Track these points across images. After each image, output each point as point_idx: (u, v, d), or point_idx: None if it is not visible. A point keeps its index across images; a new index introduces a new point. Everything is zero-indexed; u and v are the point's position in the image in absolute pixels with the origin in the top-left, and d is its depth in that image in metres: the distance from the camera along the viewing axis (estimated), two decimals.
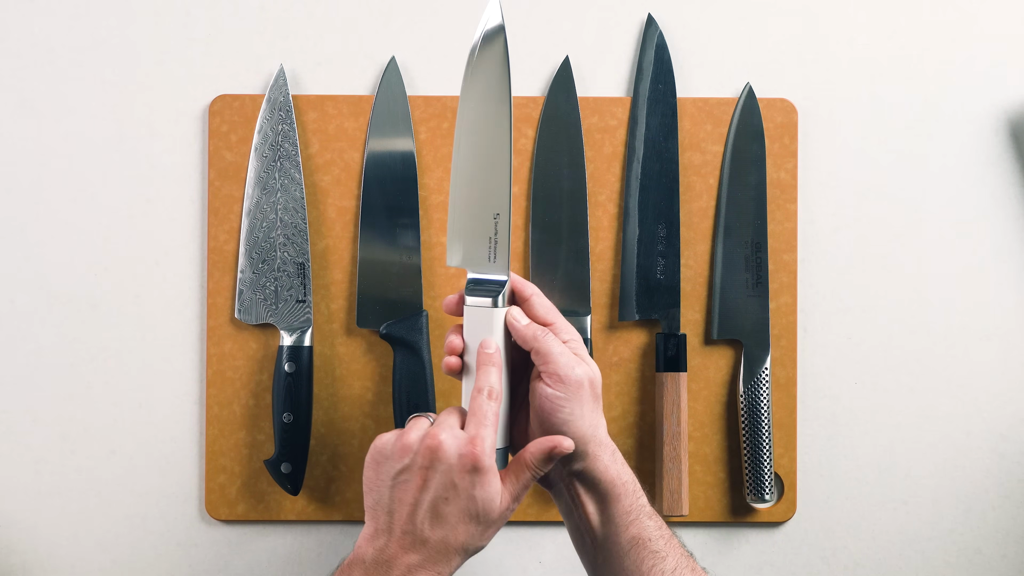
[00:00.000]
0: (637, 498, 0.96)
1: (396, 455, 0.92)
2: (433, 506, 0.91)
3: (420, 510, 0.91)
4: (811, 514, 1.19)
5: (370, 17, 1.19)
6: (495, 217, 0.98)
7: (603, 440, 0.97)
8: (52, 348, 1.17)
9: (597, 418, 0.96)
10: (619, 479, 0.96)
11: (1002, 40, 1.21)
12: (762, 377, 1.16)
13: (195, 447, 1.17)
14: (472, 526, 0.92)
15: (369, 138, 1.17)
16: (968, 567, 1.19)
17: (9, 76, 1.18)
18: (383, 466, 0.93)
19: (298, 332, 1.15)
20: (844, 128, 1.20)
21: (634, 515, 0.96)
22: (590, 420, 0.96)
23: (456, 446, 0.91)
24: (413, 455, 0.91)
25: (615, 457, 0.97)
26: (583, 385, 0.95)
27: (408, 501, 0.91)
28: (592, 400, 0.96)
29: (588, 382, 0.95)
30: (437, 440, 0.91)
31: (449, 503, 0.91)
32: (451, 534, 0.91)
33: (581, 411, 0.95)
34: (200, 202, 1.18)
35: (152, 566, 1.17)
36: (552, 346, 0.95)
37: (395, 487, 0.92)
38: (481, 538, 0.92)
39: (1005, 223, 1.20)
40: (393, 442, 0.93)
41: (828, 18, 1.20)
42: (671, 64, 1.18)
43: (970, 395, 1.19)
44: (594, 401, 0.96)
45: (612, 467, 0.96)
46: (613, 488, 0.96)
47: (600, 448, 0.96)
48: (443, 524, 0.91)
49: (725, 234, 1.17)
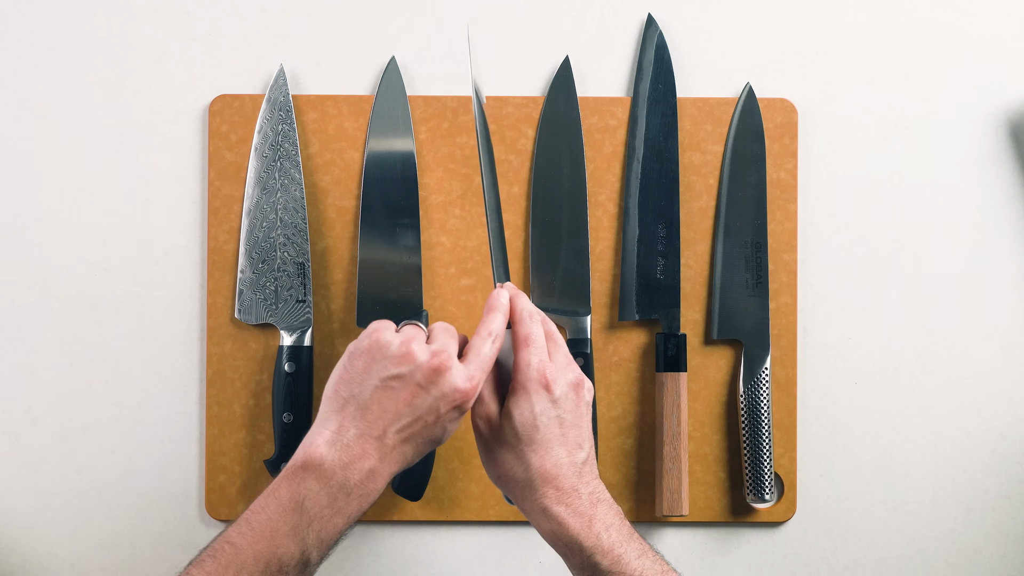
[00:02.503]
0: (586, 557, 0.92)
1: (395, 359, 0.90)
2: (411, 423, 0.90)
3: (398, 422, 0.89)
4: (811, 514, 1.19)
5: (370, 17, 1.19)
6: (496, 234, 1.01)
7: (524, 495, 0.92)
8: (52, 348, 1.17)
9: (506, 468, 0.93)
10: (555, 541, 0.93)
11: (1002, 40, 1.21)
12: (762, 377, 1.16)
13: (195, 447, 1.17)
14: (426, 448, 0.92)
15: (369, 138, 1.17)
16: (968, 567, 1.19)
17: (9, 76, 1.18)
18: (377, 363, 0.90)
19: (298, 332, 1.15)
20: (844, 128, 1.20)
21: (589, 572, 0.92)
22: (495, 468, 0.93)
23: (458, 379, 0.90)
24: (414, 368, 0.89)
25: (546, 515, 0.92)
26: (479, 429, 0.94)
27: (391, 409, 0.89)
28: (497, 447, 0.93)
29: (487, 427, 0.93)
30: (447, 366, 0.89)
31: (426, 427, 0.90)
32: (411, 451, 0.91)
33: (483, 455, 0.94)
34: (200, 202, 1.18)
35: (152, 566, 1.17)
36: None
37: (382, 389, 0.90)
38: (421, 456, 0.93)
39: (1005, 223, 1.20)
40: (397, 345, 0.90)
41: (828, 18, 1.20)
42: (671, 64, 1.18)
43: (970, 395, 1.19)
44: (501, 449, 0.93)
45: (543, 527, 0.93)
46: (555, 546, 0.93)
47: (519, 501, 0.93)
48: (410, 441, 0.90)
49: (725, 234, 1.17)
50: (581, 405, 0.95)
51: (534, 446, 0.92)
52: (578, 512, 0.92)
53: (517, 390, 0.93)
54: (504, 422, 0.93)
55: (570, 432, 0.94)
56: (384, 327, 0.92)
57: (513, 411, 0.92)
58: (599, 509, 0.93)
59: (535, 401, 0.92)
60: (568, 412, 0.94)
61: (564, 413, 0.94)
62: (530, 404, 0.92)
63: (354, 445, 0.89)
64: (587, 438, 0.95)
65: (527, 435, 0.92)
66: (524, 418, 0.92)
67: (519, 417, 0.92)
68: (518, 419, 0.92)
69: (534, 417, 0.92)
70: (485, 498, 1.16)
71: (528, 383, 0.93)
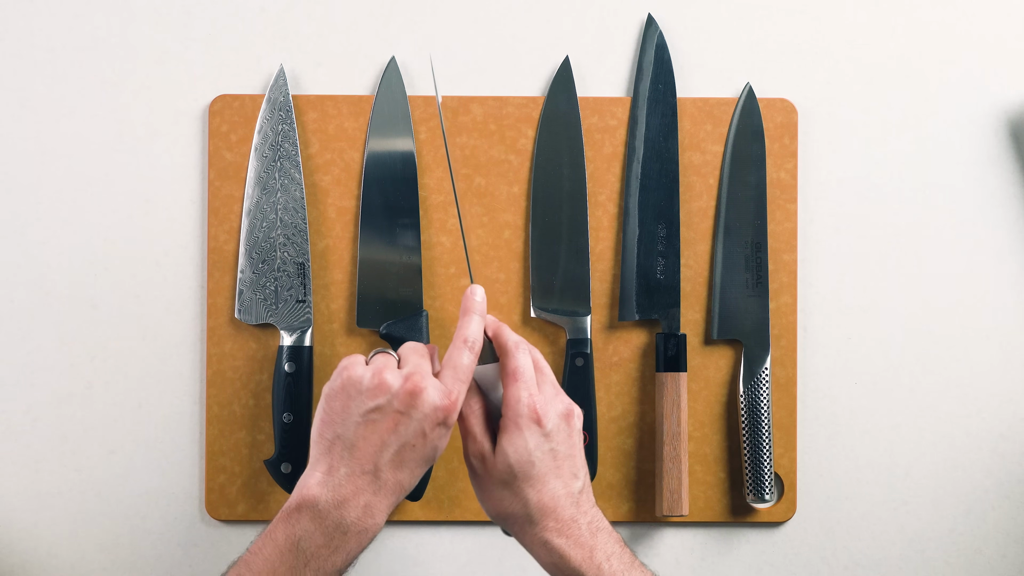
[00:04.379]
0: None
1: (370, 392, 0.89)
2: (400, 451, 0.89)
3: (386, 452, 0.89)
4: (811, 514, 1.19)
5: (370, 17, 1.19)
6: None
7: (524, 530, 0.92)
8: (52, 348, 1.17)
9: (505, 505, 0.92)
10: (550, 567, 0.92)
11: (1002, 40, 1.21)
12: (762, 377, 1.16)
13: (195, 447, 1.17)
14: (422, 469, 0.92)
15: (369, 138, 1.17)
16: (968, 567, 1.19)
17: (9, 76, 1.18)
18: (354, 400, 0.90)
19: (298, 332, 1.15)
20: (844, 128, 1.20)
21: None
22: (493, 505, 0.93)
23: (436, 397, 0.89)
24: (390, 396, 0.89)
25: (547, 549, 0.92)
26: (474, 469, 0.93)
27: (375, 441, 0.89)
28: (494, 485, 0.92)
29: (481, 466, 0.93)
30: (420, 387, 0.89)
31: (415, 450, 0.90)
32: (407, 477, 0.91)
33: (479, 492, 0.94)
34: (200, 202, 1.18)
35: (152, 566, 1.17)
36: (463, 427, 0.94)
37: (364, 424, 0.89)
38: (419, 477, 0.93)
39: (1005, 223, 1.20)
40: (369, 377, 0.90)
41: (828, 18, 1.20)
42: (671, 64, 1.18)
43: (970, 395, 1.19)
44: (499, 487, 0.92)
45: (544, 559, 0.93)
46: (547, 570, 0.93)
47: (520, 536, 0.93)
48: (403, 467, 0.90)
49: (725, 234, 1.17)
50: (573, 435, 0.95)
51: (531, 481, 0.92)
52: (579, 543, 0.92)
53: (509, 427, 0.92)
54: (498, 459, 0.92)
55: (564, 464, 0.93)
56: (353, 363, 0.92)
57: (507, 448, 0.92)
58: (599, 538, 0.93)
59: (528, 437, 0.92)
60: (561, 444, 0.93)
61: (557, 445, 0.93)
62: (523, 440, 0.91)
63: (346, 484, 0.89)
64: (581, 467, 0.95)
65: (523, 471, 0.91)
66: (519, 455, 0.91)
67: (513, 454, 0.91)
68: (512, 456, 0.91)
69: (528, 453, 0.92)
70: None
71: (519, 419, 0.92)
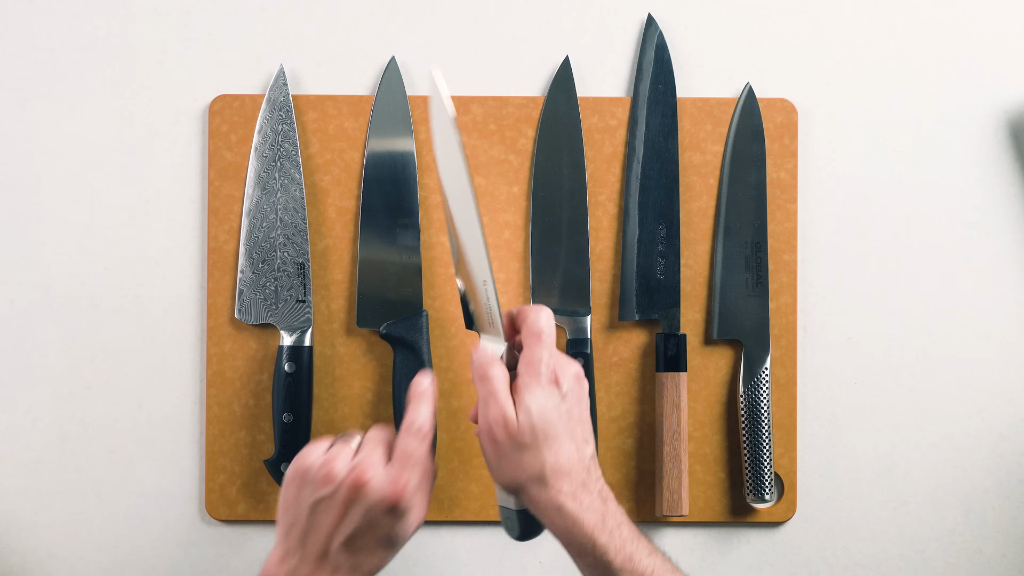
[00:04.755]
0: (599, 556, 0.92)
1: (319, 482, 0.91)
2: (351, 538, 0.90)
3: (337, 539, 0.90)
4: (811, 514, 1.19)
5: (370, 17, 1.19)
6: (483, 284, 0.96)
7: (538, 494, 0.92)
8: (52, 348, 1.17)
9: (524, 469, 0.92)
10: (569, 538, 0.93)
11: (1002, 40, 1.21)
12: (762, 377, 1.16)
13: (195, 447, 1.17)
14: (384, 551, 0.92)
15: (369, 138, 1.17)
16: (968, 567, 1.19)
17: (9, 76, 1.18)
18: (304, 490, 0.91)
19: (298, 332, 1.15)
20: (844, 128, 1.20)
21: (601, 570, 0.92)
22: (510, 471, 0.92)
23: (380, 486, 0.90)
24: (337, 486, 0.90)
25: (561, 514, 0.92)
26: (494, 435, 0.92)
27: (325, 530, 0.90)
28: (512, 449, 0.92)
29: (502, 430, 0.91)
30: (364, 479, 0.90)
31: (368, 536, 0.91)
32: (365, 560, 0.91)
33: (496, 461, 0.93)
34: (200, 202, 1.18)
35: (152, 566, 1.17)
36: (485, 389, 0.93)
37: (314, 513, 0.91)
38: (390, 558, 0.93)
39: (1005, 223, 1.20)
40: (318, 467, 0.91)
41: (828, 18, 1.20)
42: (671, 64, 1.18)
43: (970, 395, 1.19)
44: (517, 450, 0.92)
45: (558, 524, 0.92)
46: (566, 545, 0.93)
47: (534, 501, 0.93)
48: (358, 552, 0.91)
49: (725, 234, 1.17)
50: (584, 399, 0.95)
51: (549, 441, 0.91)
52: (591, 508, 0.92)
53: (531, 385, 0.92)
54: (521, 419, 0.91)
55: (577, 427, 0.94)
56: (309, 452, 0.93)
57: (531, 406, 0.91)
58: (609, 507, 0.93)
59: (548, 396, 0.92)
60: (575, 406, 0.94)
61: (572, 407, 0.93)
62: (545, 398, 0.91)
63: (300, 567, 0.91)
64: (591, 433, 0.95)
65: (543, 431, 0.91)
66: (542, 413, 0.91)
67: (537, 412, 0.91)
68: (536, 414, 0.91)
69: (548, 412, 0.92)
70: (485, 498, 1.16)
71: (540, 378, 0.92)
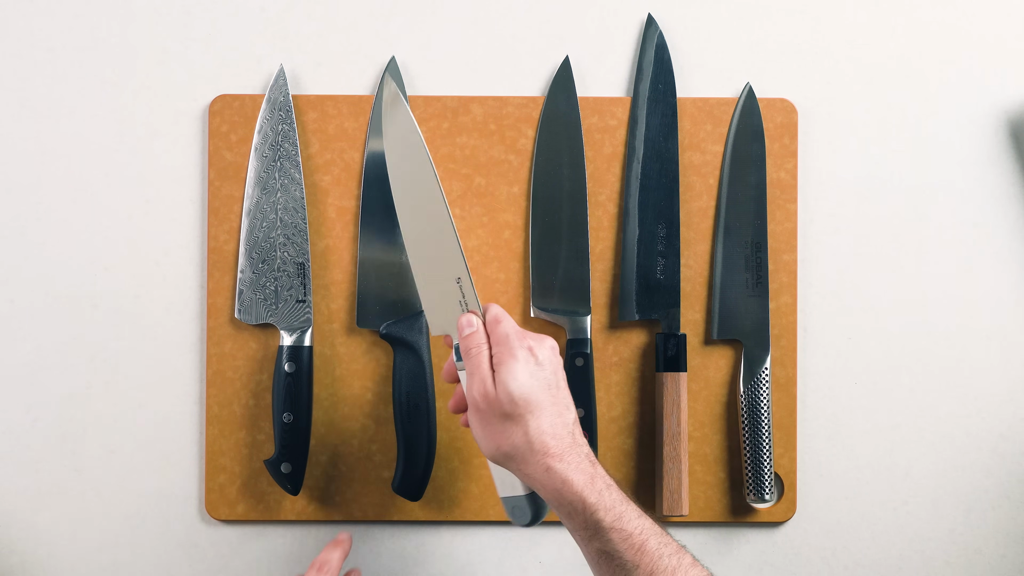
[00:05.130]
0: (590, 515, 0.93)
1: None
2: None
3: None
4: (811, 514, 1.19)
5: (370, 17, 1.19)
6: (458, 281, 0.99)
7: (526, 459, 0.94)
8: (52, 348, 1.17)
9: (508, 437, 0.94)
10: (560, 499, 0.94)
11: (1002, 40, 1.21)
12: (762, 377, 1.16)
13: (195, 447, 1.17)
14: None
15: (369, 138, 1.17)
16: (968, 567, 1.19)
17: (9, 76, 1.18)
18: None
19: (298, 332, 1.15)
20: (844, 128, 1.20)
21: (591, 531, 0.94)
22: (496, 440, 0.95)
23: None
24: None
25: (549, 476, 0.94)
26: (476, 406, 0.95)
27: None
28: (496, 419, 0.94)
29: (485, 401, 0.95)
30: None
31: None
32: None
33: (482, 432, 0.95)
34: (200, 202, 1.18)
35: (152, 566, 1.17)
36: (469, 364, 0.96)
37: None
38: None
39: (1005, 223, 1.20)
40: None
41: (828, 18, 1.20)
42: (671, 64, 1.18)
43: (970, 395, 1.19)
44: (501, 420, 0.94)
45: (548, 487, 0.94)
46: (558, 508, 0.95)
47: (523, 466, 0.95)
48: None
49: (725, 234, 1.17)
50: (560, 369, 0.97)
51: (530, 408, 0.94)
52: (580, 468, 0.94)
53: (505, 359, 0.95)
54: (499, 390, 0.94)
55: (557, 395, 0.96)
56: None
57: (507, 378, 0.94)
58: (598, 470, 0.95)
59: (523, 366, 0.95)
60: (551, 375, 0.96)
61: (549, 375, 0.96)
62: (520, 368, 0.95)
63: None
64: (571, 400, 0.98)
65: (523, 399, 0.94)
66: (519, 383, 0.94)
67: (513, 382, 0.94)
68: (512, 384, 0.94)
69: (526, 380, 0.94)
70: (485, 498, 1.16)
71: (514, 350, 0.95)
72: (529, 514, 0.99)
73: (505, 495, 1.00)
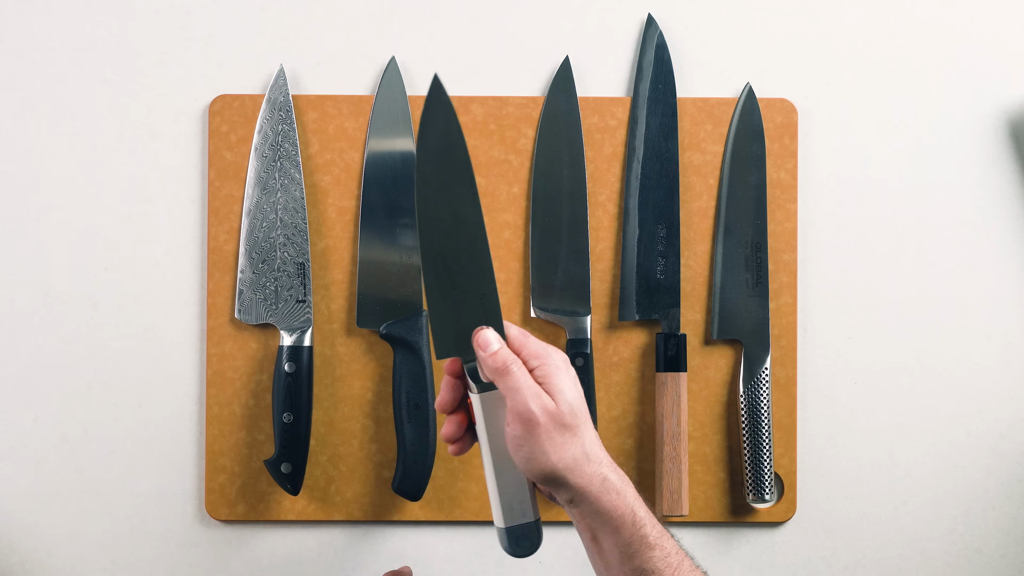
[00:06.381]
0: (638, 529, 0.91)
1: None
2: None
3: None
4: (811, 514, 1.19)
5: (370, 17, 1.19)
6: (481, 298, 0.92)
7: (584, 471, 0.91)
8: (52, 348, 1.17)
9: (569, 449, 0.90)
10: (614, 511, 0.91)
11: (1002, 40, 1.21)
12: (762, 377, 1.16)
13: (195, 447, 1.17)
14: None
15: (369, 138, 1.17)
16: (968, 567, 1.19)
17: (9, 76, 1.18)
18: None
19: (298, 332, 1.15)
20: (844, 128, 1.20)
21: (635, 547, 0.91)
22: (558, 454, 0.90)
23: None
24: None
25: (605, 486, 0.90)
26: (537, 421, 0.89)
27: None
28: (557, 432, 0.90)
29: (546, 415, 0.90)
30: None
31: None
32: None
33: (542, 447, 0.90)
34: (200, 202, 1.18)
35: (152, 566, 1.17)
36: (511, 381, 0.90)
37: None
38: None
39: (1005, 223, 1.20)
40: None
41: (828, 18, 1.20)
42: (671, 64, 1.18)
43: (970, 395, 1.19)
44: (561, 432, 0.90)
45: (604, 498, 0.91)
46: (609, 521, 0.91)
47: (582, 479, 0.91)
48: None
49: (725, 234, 1.17)
50: None
51: (584, 418, 0.92)
52: (624, 479, 0.92)
53: (552, 371, 0.91)
54: (560, 402, 0.90)
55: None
56: None
57: (564, 388, 0.91)
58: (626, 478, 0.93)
59: (569, 376, 0.92)
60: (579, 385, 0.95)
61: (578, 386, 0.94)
62: (570, 378, 0.92)
63: None
64: None
65: (581, 409, 0.92)
66: (574, 392, 0.92)
67: (570, 393, 0.91)
68: (571, 395, 0.91)
69: (576, 391, 0.92)
70: (485, 498, 1.16)
71: (558, 362, 0.92)
72: (537, 542, 0.95)
73: (511, 524, 0.94)
